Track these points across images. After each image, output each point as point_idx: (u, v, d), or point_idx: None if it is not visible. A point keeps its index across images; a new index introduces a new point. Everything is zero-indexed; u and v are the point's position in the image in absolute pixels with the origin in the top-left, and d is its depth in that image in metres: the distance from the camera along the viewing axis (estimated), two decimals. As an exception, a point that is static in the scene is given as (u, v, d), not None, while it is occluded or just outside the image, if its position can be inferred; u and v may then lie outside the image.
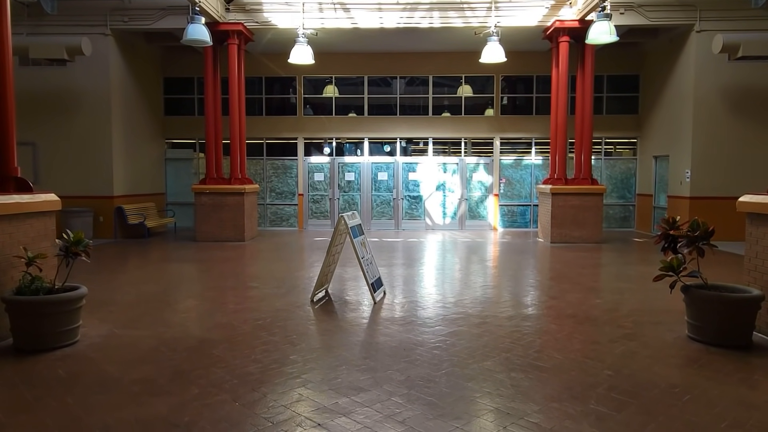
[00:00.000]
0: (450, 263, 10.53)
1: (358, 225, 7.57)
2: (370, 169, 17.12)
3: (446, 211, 17.08)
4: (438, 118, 16.97)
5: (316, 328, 5.95)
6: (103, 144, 14.06)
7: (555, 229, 13.63)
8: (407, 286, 8.27)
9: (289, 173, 17.25)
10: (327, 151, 17.44)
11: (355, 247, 7.09)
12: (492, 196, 16.95)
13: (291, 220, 17.30)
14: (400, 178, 17.05)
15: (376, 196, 17.15)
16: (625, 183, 16.95)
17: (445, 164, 17.05)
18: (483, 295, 7.64)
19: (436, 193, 17.03)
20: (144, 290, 7.82)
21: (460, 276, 9.13)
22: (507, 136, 16.94)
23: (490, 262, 10.81)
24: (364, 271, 7.10)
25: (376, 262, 7.83)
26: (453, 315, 6.50)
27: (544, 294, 7.78)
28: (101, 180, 14.13)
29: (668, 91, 14.79)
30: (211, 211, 13.80)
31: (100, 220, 14.20)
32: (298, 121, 17.06)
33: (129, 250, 12.19)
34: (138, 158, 15.50)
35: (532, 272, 9.63)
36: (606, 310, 6.77)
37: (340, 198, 17.19)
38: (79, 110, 14.05)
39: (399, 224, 17.11)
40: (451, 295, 7.66)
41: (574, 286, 8.24)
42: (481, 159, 17.10)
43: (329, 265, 7.48)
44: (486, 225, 17.01)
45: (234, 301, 7.23)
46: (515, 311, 6.70)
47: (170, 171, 17.25)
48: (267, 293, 7.68)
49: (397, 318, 6.36)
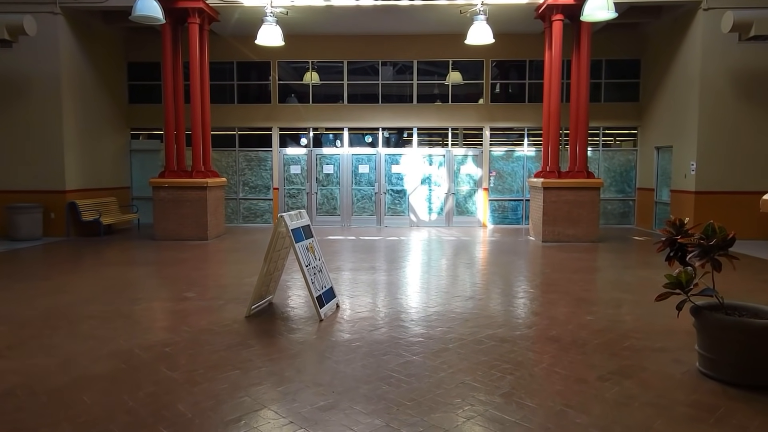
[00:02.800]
0: (427, 267, 9.35)
1: (305, 226, 6.38)
2: (350, 162, 15.91)
3: (432, 207, 15.89)
4: (423, 107, 15.74)
5: (235, 358, 4.77)
6: (52, 133, 12.84)
7: (547, 227, 12.44)
8: (370, 298, 7.09)
9: (264, 165, 16.04)
10: (304, 142, 16.22)
11: (297, 253, 5.90)
12: (481, 191, 15.75)
13: (266, 216, 16.11)
14: (382, 171, 15.84)
15: (357, 190, 15.95)
16: (624, 176, 15.72)
17: (430, 156, 15.83)
18: (454, 309, 6.46)
19: (422, 187, 15.83)
20: (55, 302, 6.65)
21: (434, 284, 7.95)
22: (497, 125, 15.71)
23: (473, 266, 9.63)
24: (308, 283, 5.92)
25: (327, 269, 6.64)
26: (411, 337, 5.32)
27: (527, 307, 6.60)
28: (52, 173, 12.93)
29: (672, 76, 13.55)
30: (171, 207, 12.60)
31: (51, 216, 13.01)
32: (273, 110, 15.83)
33: (72, 251, 11.01)
34: (97, 149, 14.28)
35: (518, 278, 8.45)
36: (598, 330, 5.59)
37: (318, 192, 15.99)
38: (26, 96, 12.82)
39: (381, 220, 15.92)
40: (416, 308, 6.48)
41: (562, 297, 7.06)
42: (469, 150, 15.88)
43: (270, 274, 6.30)
44: (475, 221, 15.82)
45: (154, 317, 6.06)
46: (488, 332, 5.52)
47: (136, 163, 16.04)
48: (200, 306, 6.51)
49: (343, 341, 5.18)
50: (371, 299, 6.94)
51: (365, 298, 6.98)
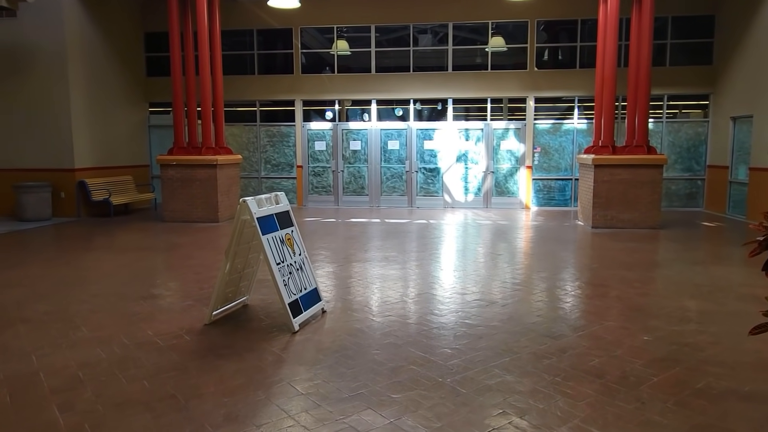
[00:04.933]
0: (452, 260, 7.96)
1: (281, 213, 5.13)
2: (378, 137, 14.55)
3: (468, 187, 14.36)
4: (460, 75, 14.12)
5: (156, 390, 3.61)
6: (59, 108, 12.10)
7: (598, 211, 10.75)
8: (369, 301, 5.81)
9: (287, 142, 14.92)
10: (329, 116, 14.95)
11: (264, 248, 4.67)
12: (524, 169, 14.08)
13: (289, 196, 15.02)
14: (414, 148, 14.41)
15: (386, 168, 14.60)
16: (692, 152, 13.66)
17: (467, 130, 14.25)
18: (467, 319, 5.09)
19: (457, 165, 14.31)
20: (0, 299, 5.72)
21: (453, 282, 6.58)
22: (543, 94, 13.92)
23: (506, 258, 8.17)
24: (277, 285, 4.69)
25: (310, 265, 5.38)
26: (403, 362, 4.02)
27: (564, 320, 5.14)
28: (60, 150, 12.23)
29: (753, 34, 11.39)
30: (180, 187, 11.67)
31: (61, 196, 12.36)
32: (296, 81, 14.61)
33: (67, 234, 10.24)
34: (111, 125, 13.52)
35: (558, 276, 6.94)
36: (659, 359, 4.11)
37: (344, 170, 14.76)
38: (32, 69, 12.10)
39: (413, 201, 14.55)
40: (417, 316, 5.16)
41: (612, 305, 5.56)
42: (511, 124, 14.19)
43: (238, 272, 5.11)
44: (516, 203, 14.20)
45: (96, 323, 4.99)
46: (503, 359, 4.14)
47: (155, 139, 15.24)
48: (160, 308, 5.42)
49: (313, 368, 3.94)
50: (369, 303, 5.66)
51: (362, 302, 5.70)
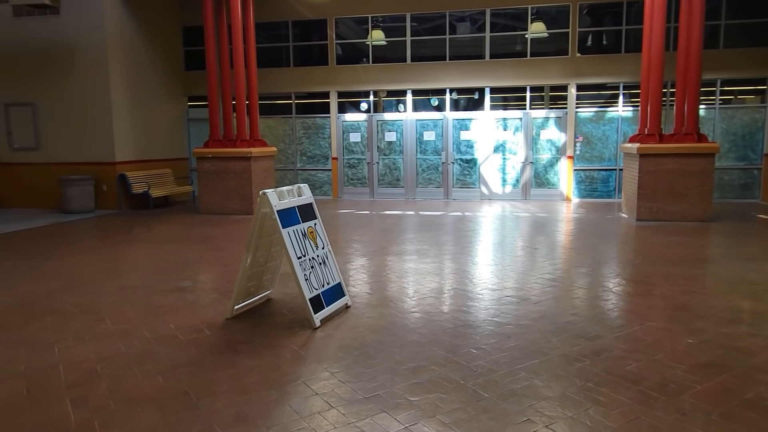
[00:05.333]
0: (487, 251, 7.70)
1: (304, 206, 5.00)
2: (414, 128, 14.30)
3: (506, 178, 13.96)
4: (498, 63, 13.69)
5: (170, 387, 3.55)
6: (100, 103, 12.39)
7: (643, 203, 10.22)
8: (398, 295, 5.64)
9: (322, 134, 14.86)
10: (364, 107, 14.80)
11: (285, 243, 4.55)
12: (565, 159, 13.57)
13: (324, 188, 15.01)
14: (450, 138, 14.10)
15: (422, 159, 14.36)
16: (747, 140, 12.84)
17: (505, 120, 13.83)
18: (498, 315, 4.85)
19: (494, 156, 13.92)
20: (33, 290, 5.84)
21: (485, 277, 6.34)
22: (586, 81, 13.35)
23: (544, 251, 7.83)
24: (298, 280, 4.57)
25: (334, 259, 5.24)
26: (424, 362, 3.83)
27: (602, 319, 4.83)
28: (102, 144, 12.54)
29: (820, 9, 10.55)
30: (215, 179, 11.76)
31: (103, 188, 12.68)
32: (331, 72, 14.50)
33: (106, 226, 10.47)
34: (150, 119, 13.76)
35: (599, 271, 6.59)
36: (705, 364, 3.78)
37: (379, 162, 14.59)
38: (74, 65, 12.42)
39: (449, 193, 14.27)
40: (444, 312, 4.95)
41: (654, 303, 5.21)
42: (551, 112, 13.68)
43: (260, 265, 5.02)
44: (557, 194, 13.72)
45: (121, 316, 5.01)
46: (532, 361, 3.90)
47: (194, 132, 15.45)
48: (186, 301, 5.40)
49: (330, 366, 3.80)
50: (396, 298, 5.48)
51: (389, 297, 5.53)
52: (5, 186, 13.12)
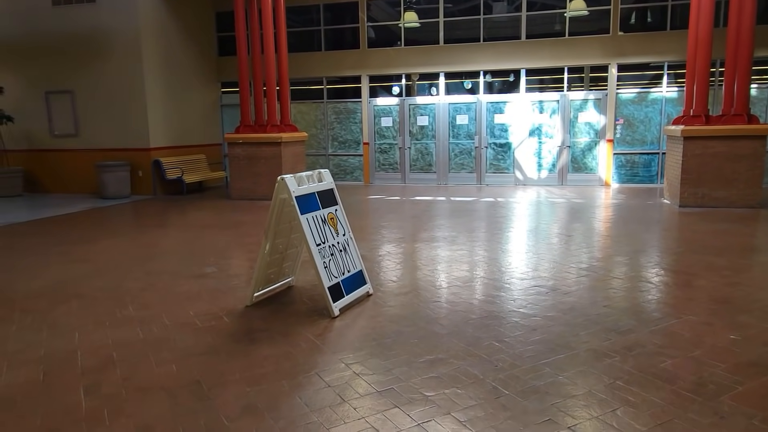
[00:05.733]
0: (518, 238, 7.44)
1: (324, 192, 4.88)
2: (447, 112, 14.00)
3: (542, 163, 13.54)
4: (534, 43, 13.21)
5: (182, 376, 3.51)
6: (135, 90, 12.56)
7: (687, 188, 9.72)
8: (423, 283, 5.48)
9: (353, 118, 14.71)
10: (396, 91, 14.56)
11: (303, 229, 4.45)
12: (604, 143, 13.04)
13: (356, 174, 14.89)
14: (483, 122, 13.74)
15: (455, 144, 14.06)
16: (803, 121, 12.04)
17: (541, 102, 13.37)
18: (521, 309, 4.64)
19: (530, 140, 13.50)
20: (63, 275, 5.95)
21: (514, 266, 6.11)
22: (628, 61, 12.74)
23: (580, 239, 7.52)
24: (317, 268, 4.46)
25: (355, 246, 5.10)
26: (443, 355, 3.68)
27: (637, 310, 4.56)
28: (137, 130, 12.74)
29: None
30: (246, 165, 11.80)
31: (139, 174, 12.91)
32: (362, 56, 14.30)
33: (139, 211, 10.63)
34: (184, 105, 13.90)
35: (637, 260, 6.26)
36: (747, 363, 3.49)
37: (411, 147, 14.37)
38: (109, 52, 12.61)
39: (482, 178, 13.95)
40: (468, 302, 4.76)
41: (695, 295, 4.89)
42: (590, 94, 13.14)
43: (280, 252, 4.94)
44: (594, 179, 13.22)
45: (144, 301, 5.02)
46: (557, 356, 3.69)
47: (227, 118, 15.54)
48: (209, 287, 5.39)
49: (344, 359, 3.70)
50: (419, 287, 5.32)
51: (412, 285, 5.38)
52: (47, 172, 13.52)
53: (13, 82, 13.20)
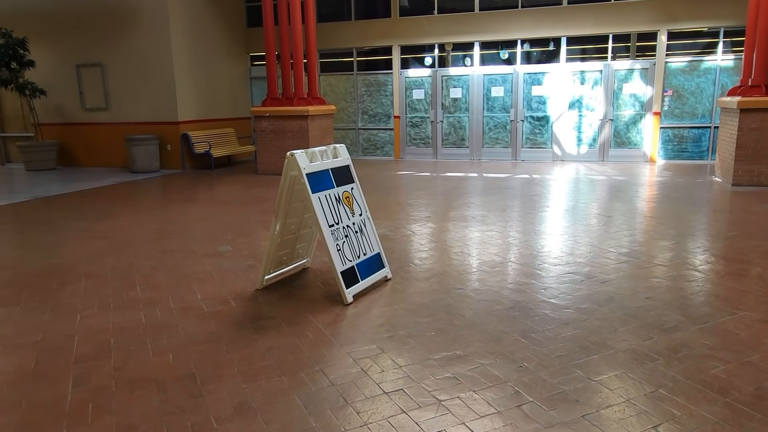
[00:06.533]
0: (552, 218, 6.96)
1: (339, 168, 4.52)
2: (481, 83, 13.37)
3: (582, 137, 12.82)
4: (576, 9, 12.38)
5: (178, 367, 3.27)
6: (163, 62, 12.40)
7: (741, 165, 8.97)
8: (442, 265, 5.12)
9: (384, 91, 14.24)
10: (428, 62, 13.97)
11: (315, 209, 4.12)
12: (650, 116, 12.23)
13: (386, 148, 14.49)
14: (520, 94, 13.07)
15: (489, 117, 13.45)
16: None
17: (583, 73, 12.60)
18: (552, 299, 4.23)
19: (569, 113, 12.78)
20: (74, 253, 5.81)
21: (546, 249, 5.67)
22: (679, 27, 11.82)
23: (619, 218, 6.97)
24: (329, 251, 4.14)
25: (373, 227, 4.75)
26: (461, 351, 3.32)
27: (683, 306, 4.09)
28: (165, 104, 12.62)
29: None
30: (273, 139, 11.55)
31: (168, 148, 12.84)
32: (393, 25, 13.75)
33: (164, 185, 10.52)
34: (213, 78, 13.69)
35: (681, 246, 5.72)
36: (814, 371, 3.01)
37: (443, 121, 13.84)
38: (138, 25, 12.44)
39: (517, 153, 13.35)
40: (494, 291, 4.37)
41: (751, 288, 4.37)
42: (636, 63, 12.29)
43: (292, 233, 4.64)
44: (639, 155, 12.46)
45: (152, 283, 4.82)
46: (593, 359, 3.28)
47: (256, 91, 15.30)
48: (221, 268, 5.15)
49: (351, 352, 3.39)
50: (442, 271, 4.95)
51: (434, 270, 5.01)
52: (80, 146, 13.60)
53: (45, 56, 13.21)
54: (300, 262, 4.98)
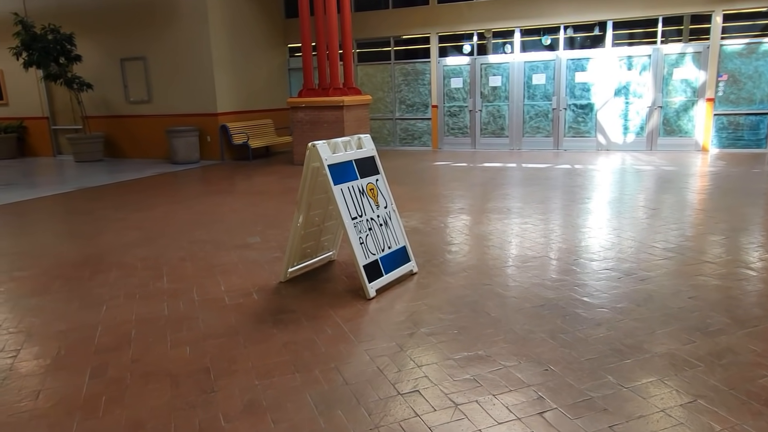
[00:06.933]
0: (591, 211, 6.64)
1: (364, 159, 4.40)
2: (522, 71, 12.96)
3: (628, 125, 12.26)
4: (623, -10, 11.80)
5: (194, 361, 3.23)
6: (202, 54, 12.56)
7: (803, 155, 8.33)
8: (471, 259, 4.94)
9: (421, 80, 14.01)
10: (467, 50, 13.64)
11: (337, 201, 4.02)
12: (703, 102, 11.56)
13: (424, 138, 14.27)
14: (562, 81, 12.59)
15: (530, 106, 13.04)
16: None
17: (630, 58, 12.01)
18: (585, 297, 3.99)
19: (615, 100, 12.24)
20: (113, 241, 5.92)
21: (582, 244, 5.40)
22: (737, 7, 11.08)
23: (666, 211, 6.59)
24: (351, 244, 4.04)
25: (398, 219, 4.61)
26: (482, 351, 3.16)
27: (730, 307, 3.79)
28: (205, 95, 12.79)
29: None
30: (309, 129, 11.53)
31: (207, 139, 13.03)
32: (431, 12, 13.47)
33: (207, 176, 10.66)
34: (251, 69, 13.79)
35: (733, 241, 5.33)
36: None
37: (482, 110, 13.50)
38: (178, 18, 12.63)
39: (559, 143, 12.90)
40: (523, 287, 4.17)
41: (807, 287, 4.01)
42: (689, 47, 11.62)
43: (317, 225, 4.56)
44: (690, 144, 11.82)
45: (180, 273, 4.85)
46: (626, 364, 3.06)
47: (295, 82, 15.33)
48: (248, 259, 5.14)
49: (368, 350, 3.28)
50: (470, 266, 4.78)
51: (462, 264, 4.84)
52: (125, 137, 13.98)
53: (92, 51, 13.60)
54: (325, 254, 4.91)
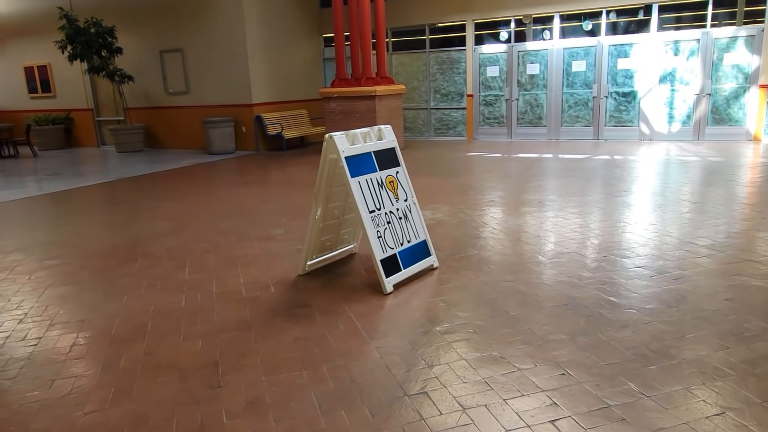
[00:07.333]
0: (628, 205, 6.35)
1: (384, 151, 4.30)
2: (561, 58, 12.53)
3: (674, 114, 11.70)
4: (670, -29, 11.22)
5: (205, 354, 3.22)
6: (237, 45, 12.66)
7: None
8: (496, 255, 4.78)
9: (456, 69, 13.74)
10: (504, 37, 13.28)
11: (354, 194, 3.94)
12: (756, 89, 10.90)
13: (459, 128, 14.02)
14: (604, 68, 12.11)
15: (569, 94, 12.61)
16: None
17: (676, 43, 11.43)
18: (612, 297, 3.79)
19: (660, 88, 11.69)
20: (137, 233, 6.02)
21: (615, 239, 5.15)
22: (795, -14, 10.37)
23: (709, 205, 6.24)
24: (369, 238, 3.95)
25: (419, 212, 4.48)
26: (499, 353, 3.03)
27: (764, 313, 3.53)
28: (240, 86, 12.91)
29: None
30: (341, 120, 11.49)
31: (243, 130, 13.18)
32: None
33: (240, 167, 10.77)
34: (285, 59, 13.83)
35: (775, 237, 5.00)
36: None
37: (519, 99, 13.15)
38: (214, 9, 12.75)
39: (600, 132, 12.44)
40: (548, 285, 3.99)
41: None
42: (741, 30, 10.96)
43: (336, 217, 4.49)
44: (740, 133, 11.19)
45: (202, 265, 4.87)
46: (651, 371, 2.87)
47: (330, 72, 15.29)
48: (269, 251, 5.13)
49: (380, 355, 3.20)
50: (494, 261, 4.62)
51: (486, 259, 4.69)
52: (164, 128, 14.28)
53: (132, 43, 13.91)
54: (346, 247, 4.84)
